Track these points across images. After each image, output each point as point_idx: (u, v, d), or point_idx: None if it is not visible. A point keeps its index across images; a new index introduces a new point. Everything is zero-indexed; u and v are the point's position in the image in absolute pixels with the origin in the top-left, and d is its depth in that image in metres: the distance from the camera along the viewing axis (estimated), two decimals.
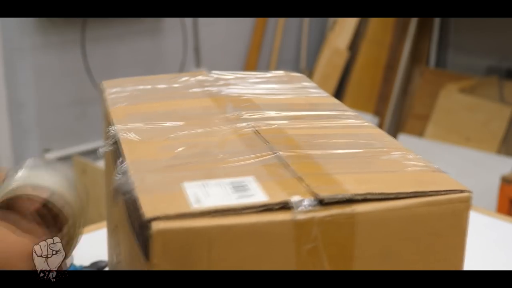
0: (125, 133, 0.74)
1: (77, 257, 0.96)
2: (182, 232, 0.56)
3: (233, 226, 0.57)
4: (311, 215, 0.58)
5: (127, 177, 0.63)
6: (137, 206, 0.58)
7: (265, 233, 0.57)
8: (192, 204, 0.58)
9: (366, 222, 0.60)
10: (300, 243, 0.58)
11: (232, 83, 0.93)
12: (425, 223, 0.62)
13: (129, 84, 0.92)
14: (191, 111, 0.82)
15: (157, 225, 0.55)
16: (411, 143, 2.84)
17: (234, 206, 0.57)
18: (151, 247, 0.56)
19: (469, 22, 3.08)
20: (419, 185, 0.63)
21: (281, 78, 0.98)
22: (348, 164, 0.67)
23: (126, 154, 0.69)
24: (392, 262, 0.62)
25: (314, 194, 0.60)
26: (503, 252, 1.10)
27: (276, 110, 0.82)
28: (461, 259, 0.65)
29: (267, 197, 0.59)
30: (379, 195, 0.60)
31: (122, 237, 0.74)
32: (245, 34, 3.19)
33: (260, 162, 0.66)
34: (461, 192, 0.63)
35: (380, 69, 3.19)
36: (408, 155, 0.70)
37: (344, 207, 0.59)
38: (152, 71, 2.85)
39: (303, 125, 0.78)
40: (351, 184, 0.62)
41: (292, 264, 0.59)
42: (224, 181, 0.62)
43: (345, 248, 0.60)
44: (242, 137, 0.73)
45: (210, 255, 0.57)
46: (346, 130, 0.77)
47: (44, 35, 2.56)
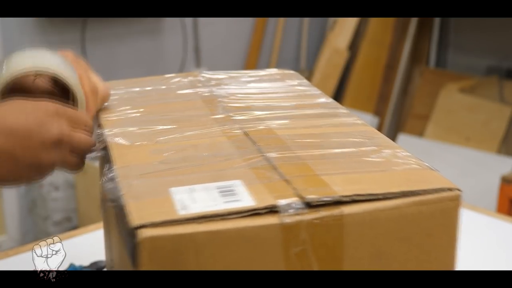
0: (115, 137, 0.74)
1: (77, 257, 0.97)
2: (169, 239, 0.56)
3: (220, 232, 0.57)
4: (299, 218, 0.58)
5: (114, 183, 0.63)
6: (124, 213, 0.58)
7: (253, 238, 0.57)
8: (178, 210, 0.58)
9: (354, 224, 0.60)
10: (288, 246, 0.58)
11: (224, 83, 0.93)
12: (415, 223, 0.61)
13: (120, 86, 0.92)
14: (181, 113, 0.82)
15: (144, 232, 0.55)
16: (411, 143, 2.84)
17: (221, 212, 0.57)
18: (139, 254, 0.56)
19: (469, 22, 3.07)
20: (408, 184, 0.63)
21: (274, 76, 0.97)
22: (337, 165, 0.67)
23: (115, 159, 0.69)
24: (383, 262, 0.62)
25: (301, 197, 0.59)
26: (503, 252, 1.10)
27: (266, 110, 0.82)
28: (453, 258, 0.64)
29: (254, 201, 0.59)
30: (367, 196, 0.60)
31: (113, 242, 0.74)
32: (245, 34, 3.19)
33: (248, 165, 0.66)
34: (450, 191, 0.62)
35: (380, 69, 3.18)
36: (399, 153, 0.70)
37: (332, 209, 0.59)
38: (152, 71, 2.85)
39: (293, 125, 0.77)
40: (340, 185, 0.62)
41: (281, 268, 0.59)
42: (211, 186, 0.62)
43: (334, 250, 0.60)
44: (231, 139, 0.73)
45: (198, 261, 0.57)
46: (337, 129, 0.77)
47: (44, 35, 2.56)
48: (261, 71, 0.99)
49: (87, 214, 2.60)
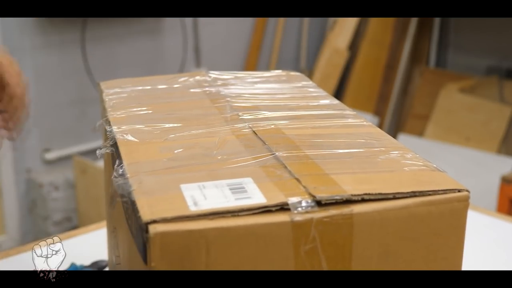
0: (123, 134, 0.74)
1: (78, 257, 0.97)
2: (180, 234, 0.56)
3: (231, 228, 0.57)
4: (309, 216, 0.58)
5: (125, 180, 0.63)
6: (134, 209, 0.58)
7: (263, 235, 0.57)
8: (189, 206, 0.58)
9: (364, 223, 0.60)
10: (298, 244, 0.59)
11: (231, 83, 0.93)
12: (424, 223, 0.62)
13: (127, 84, 0.92)
14: (189, 112, 0.82)
15: (155, 228, 0.55)
16: (411, 143, 2.84)
17: (232, 208, 0.57)
18: (149, 250, 0.56)
19: (469, 22, 3.08)
20: (417, 184, 0.63)
21: (280, 78, 0.98)
22: (346, 164, 0.67)
23: (124, 156, 0.69)
24: (391, 262, 0.62)
25: (311, 195, 0.60)
26: (503, 252, 1.10)
27: (274, 110, 0.82)
28: (460, 258, 0.65)
29: (265, 198, 0.59)
30: (377, 195, 0.61)
31: (121, 239, 0.74)
32: (245, 34, 3.19)
33: (258, 163, 0.67)
34: (459, 192, 0.63)
35: (380, 69, 3.18)
36: (407, 154, 0.70)
37: (342, 207, 0.59)
38: (152, 71, 2.85)
39: (301, 125, 0.78)
40: (349, 184, 0.62)
41: (290, 265, 0.59)
42: (222, 183, 0.62)
43: (344, 249, 0.60)
44: (240, 138, 0.73)
45: (208, 258, 0.57)
46: (344, 130, 0.77)
47: (44, 35, 2.56)
48: (267, 72, 1.00)
49: (87, 214, 2.60)
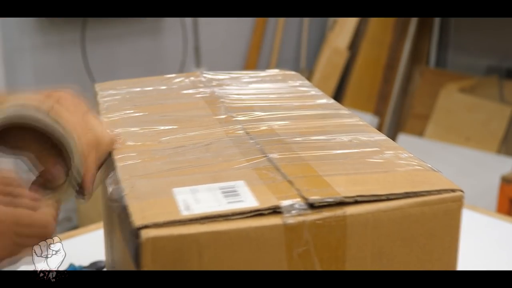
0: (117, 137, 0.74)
1: (77, 257, 0.97)
2: (172, 239, 0.56)
3: (223, 232, 0.56)
4: (302, 219, 0.58)
5: (117, 184, 0.63)
6: (127, 214, 0.58)
7: (256, 238, 0.57)
8: (181, 210, 0.58)
9: (357, 224, 0.60)
10: (291, 247, 0.58)
11: (226, 84, 0.93)
12: (418, 224, 0.62)
13: (122, 86, 0.92)
14: (183, 113, 0.82)
15: (147, 233, 0.55)
16: (411, 143, 2.84)
17: (224, 212, 0.57)
18: (141, 254, 0.55)
19: (469, 22, 3.07)
20: (411, 185, 0.63)
21: (275, 77, 0.97)
22: (340, 165, 0.67)
23: (117, 159, 0.69)
24: (385, 263, 0.62)
25: (304, 197, 0.59)
26: (503, 252, 1.10)
27: (269, 110, 0.82)
28: (455, 259, 0.65)
29: (257, 202, 0.59)
30: (370, 196, 0.60)
31: (115, 242, 0.74)
32: (245, 34, 3.19)
33: (251, 165, 0.66)
34: (453, 192, 0.62)
35: (380, 69, 3.18)
36: (401, 154, 0.70)
37: (335, 209, 0.59)
38: (152, 71, 2.85)
39: (295, 126, 0.77)
40: (342, 186, 0.62)
41: (283, 268, 0.59)
42: (214, 186, 0.62)
43: (337, 251, 0.60)
44: (234, 140, 0.73)
45: (201, 262, 0.57)
46: (339, 129, 0.77)
47: (44, 35, 2.56)
48: (262, 71, 0.99)
49: (87, 214, 2.60)
